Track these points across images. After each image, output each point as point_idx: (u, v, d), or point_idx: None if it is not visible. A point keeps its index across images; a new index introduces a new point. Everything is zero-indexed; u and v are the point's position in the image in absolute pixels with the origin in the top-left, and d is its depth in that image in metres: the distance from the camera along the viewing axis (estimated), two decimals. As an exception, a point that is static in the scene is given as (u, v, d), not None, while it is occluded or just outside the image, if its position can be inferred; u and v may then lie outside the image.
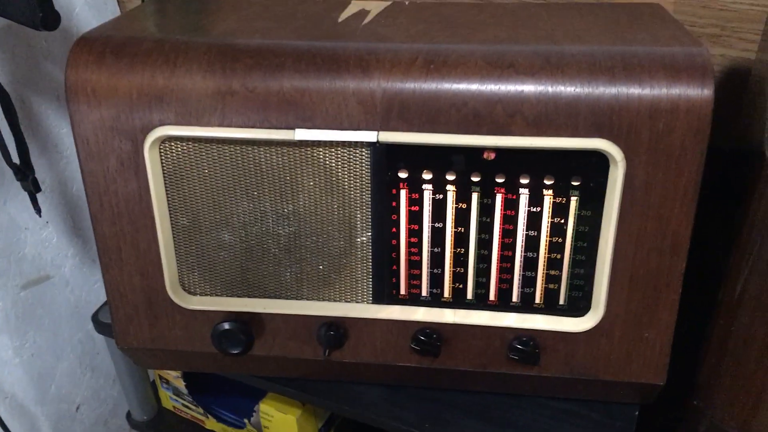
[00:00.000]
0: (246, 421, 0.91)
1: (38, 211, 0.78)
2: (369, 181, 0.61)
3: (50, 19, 0.63)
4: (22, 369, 1.01)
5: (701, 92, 0.54)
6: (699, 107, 0.54)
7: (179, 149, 0.61)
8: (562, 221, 0.61)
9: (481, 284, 0.64)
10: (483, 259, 0.63)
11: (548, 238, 0.62)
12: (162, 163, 0.62)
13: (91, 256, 1.09)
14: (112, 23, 0.66)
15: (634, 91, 0.55)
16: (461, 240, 0.63)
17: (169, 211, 0.64)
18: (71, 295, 1.08)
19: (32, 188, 0.76)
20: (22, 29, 0.89)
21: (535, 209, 0.61)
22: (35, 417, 1.06)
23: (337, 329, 0.66)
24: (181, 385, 0.94)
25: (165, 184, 0.63)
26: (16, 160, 0.76)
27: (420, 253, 0.64)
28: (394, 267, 0.64)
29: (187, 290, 0.67)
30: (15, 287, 0.97)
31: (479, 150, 0.59)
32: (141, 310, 0.68)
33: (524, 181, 0.60)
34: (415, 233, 0.63)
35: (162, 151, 0.61)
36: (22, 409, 1.03)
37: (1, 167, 0.89)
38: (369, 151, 0.60)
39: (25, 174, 0.75)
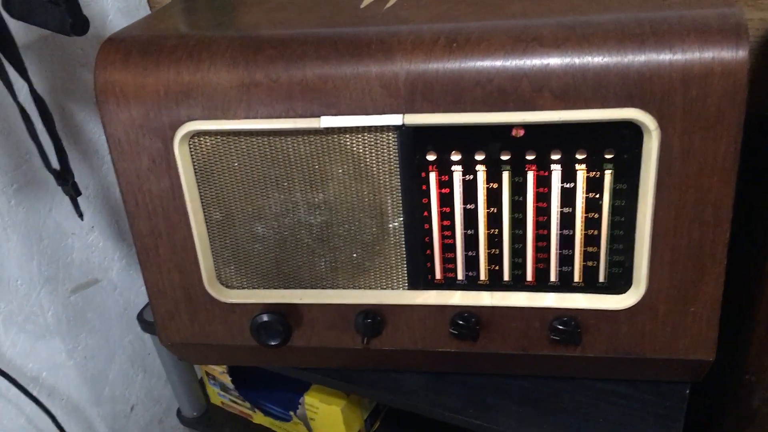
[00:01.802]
0: (292, 413, 0.92)
1: (80, 214, 0.80)
2: (397, 166, 0.60)
3: (80, 25, 0.64)
4: (76, 371, 1.04)
5: (736, 54, 0.52)
6: (734, 70, 0.52)
7: (208, 144, 0.62)
8: (597, 196, 0.59)
9: (518, 265, 0.63)
10: (518, 239, 0.62)
11: (584, 214, 0.60)
12: (192, 158, 0.62)
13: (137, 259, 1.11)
14: (137, 24, 0.67)
15: (665, 56, 0.53)
16: (495, 220, 0.62)
17: (202, 205, 0.64)
18: (120, 297, 1.10)
19: (73, 192, 0.77)
20: (59, 38, 0.91)
21: (568, 185, 0.59)
22: (91, 418, 1.08)
23: (374, 317, 0.66)
24: (227, 380, 0.95)
25: (196, 179, 0.63)
26: (56, 165, 0.78)
27: (453, 236, 0.63)
28: (428, 251, 0.64)
29: (224, 284, 0.68)
30: (65, 291, 0.99)
31: (507, 127, 0.58)
32: (181, 305, 0.69)
33: (555, 156, 0.58)
34: (447, 216, 0.62)
35: (192, 146, 0.62)
36: (78, 410, 1.06)
37: (45, 176, 0.91)
38: (396, 135, 0.59)
39: (65, 179, 0.77)
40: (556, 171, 0.59)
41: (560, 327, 0.63)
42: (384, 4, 0.66)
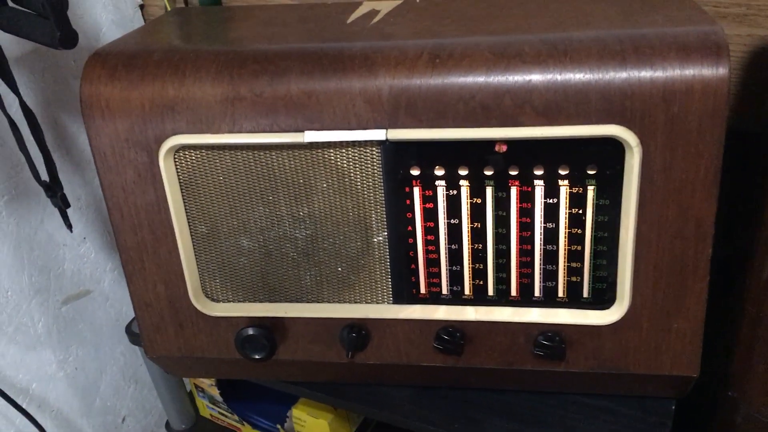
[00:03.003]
0: (279, 426, 0.92)
1: (69, 226, 0.80)
2: (381, 180, 0.61)
3: (68, 38, 0.64)
4: (67, 383, 1.04)
5: (716, 71, 0.52)
6: (715, 87, 0.53)
7: (193, 158, 0.62)
8: (581, 212, 0.59)
9: (502, 280, 0.63)
10: (502, 254, 0.62)
11: (567, 230, 0.60)
12: (178, 172, 0.63)
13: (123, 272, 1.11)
14: (126, 38, 0.67)
15: (646, 74, 0.53)
16: (478, 235, 0.62)
17: (188, 219, 0.65)
18: (111, 308, 1.10)
19: (62, 204, 0.77)
20: (52, 51, 0.92)
21: (551, 201, 0.59)
22: (81, 430, 1.08)
23: (359, 331, 0.66)
24: (216, 393, 0.95)
25: (182, 193, 0.63)
26: (45, 177, 0.78)
27: (438, 251, 0.63)
28: (413, 266, 0.64)
29: (210, 297, 0.68)
30: (56, 302, 0.99)
31: (490, 143, 0.58)
32: (166, 318, 0.69)
33: (538, 172, 0.59)
34: (431, 231, 0.62)
35: (177, 160, 0.62)
36: (68, 422, 1.05)
37: (36, 187, 0.91)
38: (379, 150, 0.59)
39: (54, 191, 0.77)
40: (539, 186, 0.59)
41: (544, 342, 0.63)
42: (371, 19, 0.66)
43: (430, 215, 0.62)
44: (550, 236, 0.61)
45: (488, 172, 0.59)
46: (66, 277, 1.01)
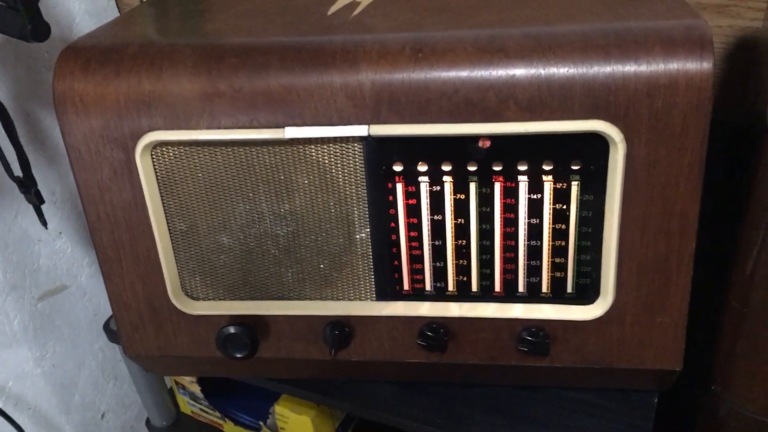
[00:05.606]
0: (262, 423, 0.91)
1: (44, 223, 0.79)
2: (364, 176, 0.60)
3: (40, 31, 0.63)
4: (44, 380, 1.02)
5: (700, 66, 0.52)
6: (699, 81, 0.52)
7: (171, 154, 0.61)
8: (565, 207, 0.59)
9: (486, 276, 0.63)
10: (486, 249, 0.62)
11: (551, 226, 0.60)
12: (155, 169, 0.61)
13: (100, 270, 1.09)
14: (99, 31, 0.66)
15: (630, 68, 0.53)
16: (462, 231, 0.61)
17: (166, 216, 0.63)
18: (89, 303, 1.08)
19: (36, 200, 0.76)
20: (24, 42, 0.89)
21: (535, 196, 0.59)
22: (60, 427, 1.07)
23: (342, 328, 0.65)
24: (197, 389, 0.94)
25: (160, 190, 0.62)
26: (18, 173, 0.76)
27: (421, 247, 0.62)
28: (396, 262, 0.63)
29: (190, 296, 0.67)
30: (31, 299, 0.98)
31: (474, 138, 0.57)
32: (145, 317, 0.67)
33: (522, 168, 0.58)
34: (414, 227, 0.62)
35: (154, 157, 0.61)
36: (47, 419, 1.04)
37: (10, 182, 0.89)
38: (361, 146, 0.58)
39: (27, 187, 0.75)
40: (523, 182, 0.58)
41: (528, 338, 0.62)
42: (352, 11, 0.65)
43: (413, 211, 0.61)
44: (534, 232, 0.60)
45: (472, 168, 0.58)
46: (42, 272, 0.99)
